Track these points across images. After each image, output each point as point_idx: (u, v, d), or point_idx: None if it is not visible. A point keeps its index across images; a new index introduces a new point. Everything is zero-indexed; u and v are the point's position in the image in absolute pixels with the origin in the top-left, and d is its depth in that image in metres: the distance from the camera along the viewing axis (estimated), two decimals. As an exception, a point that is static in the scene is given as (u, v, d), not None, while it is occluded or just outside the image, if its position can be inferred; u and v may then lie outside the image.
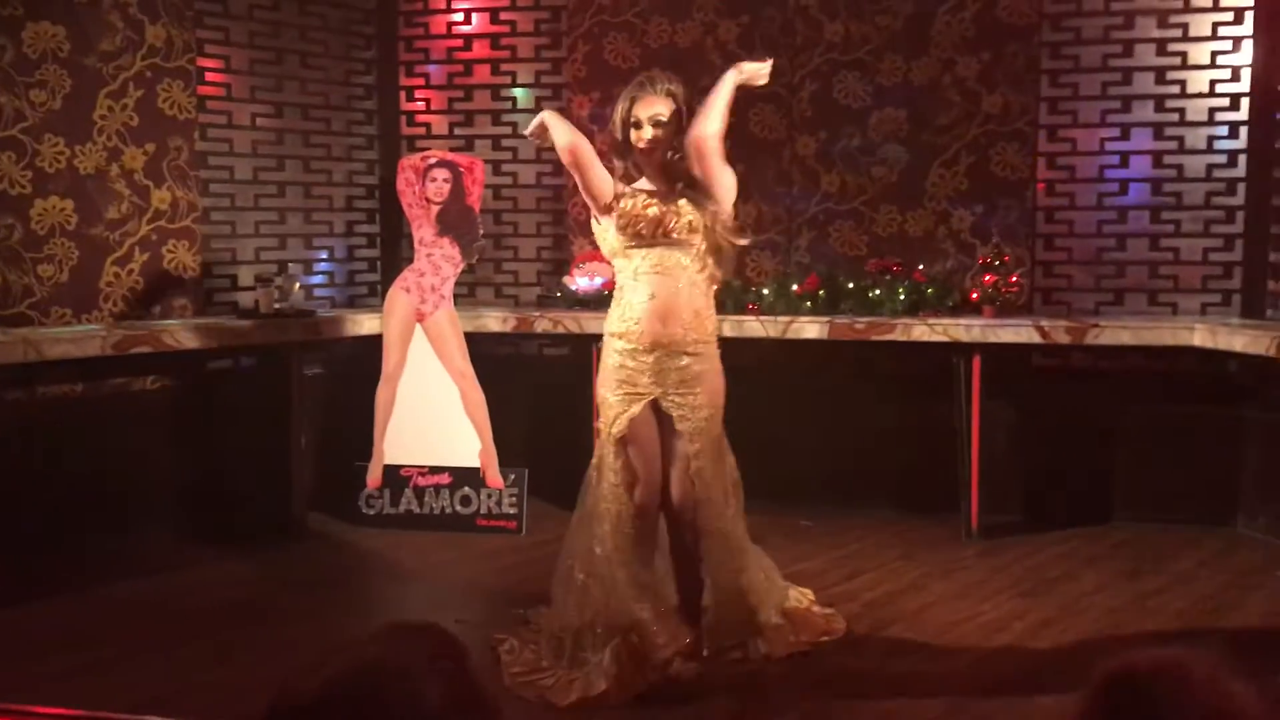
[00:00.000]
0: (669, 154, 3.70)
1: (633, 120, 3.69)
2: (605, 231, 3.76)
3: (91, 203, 5.14)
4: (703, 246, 3.69)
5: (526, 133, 3.95)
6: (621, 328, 3.73)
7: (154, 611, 4.37)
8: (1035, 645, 4.03)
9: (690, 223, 3.66)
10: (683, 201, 3.67)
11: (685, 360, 3.70)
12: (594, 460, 3.84)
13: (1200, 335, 5.13)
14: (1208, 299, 5.62)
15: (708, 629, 3.77)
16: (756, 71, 3.79)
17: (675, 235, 3.66)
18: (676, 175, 3.71)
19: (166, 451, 5.38)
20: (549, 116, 3.82)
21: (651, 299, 3.68)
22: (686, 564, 3.82)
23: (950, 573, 4.86)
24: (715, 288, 3.82)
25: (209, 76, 5.63)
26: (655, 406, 3.73)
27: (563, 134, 3.75)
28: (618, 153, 3.77)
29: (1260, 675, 1.17)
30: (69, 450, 5.01)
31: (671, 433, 3.74)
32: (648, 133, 3.66)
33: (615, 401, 3.73)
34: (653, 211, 3.66)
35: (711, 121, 3.62)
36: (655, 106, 3.67)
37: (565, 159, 3.77)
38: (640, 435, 3.72)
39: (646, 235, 3.67)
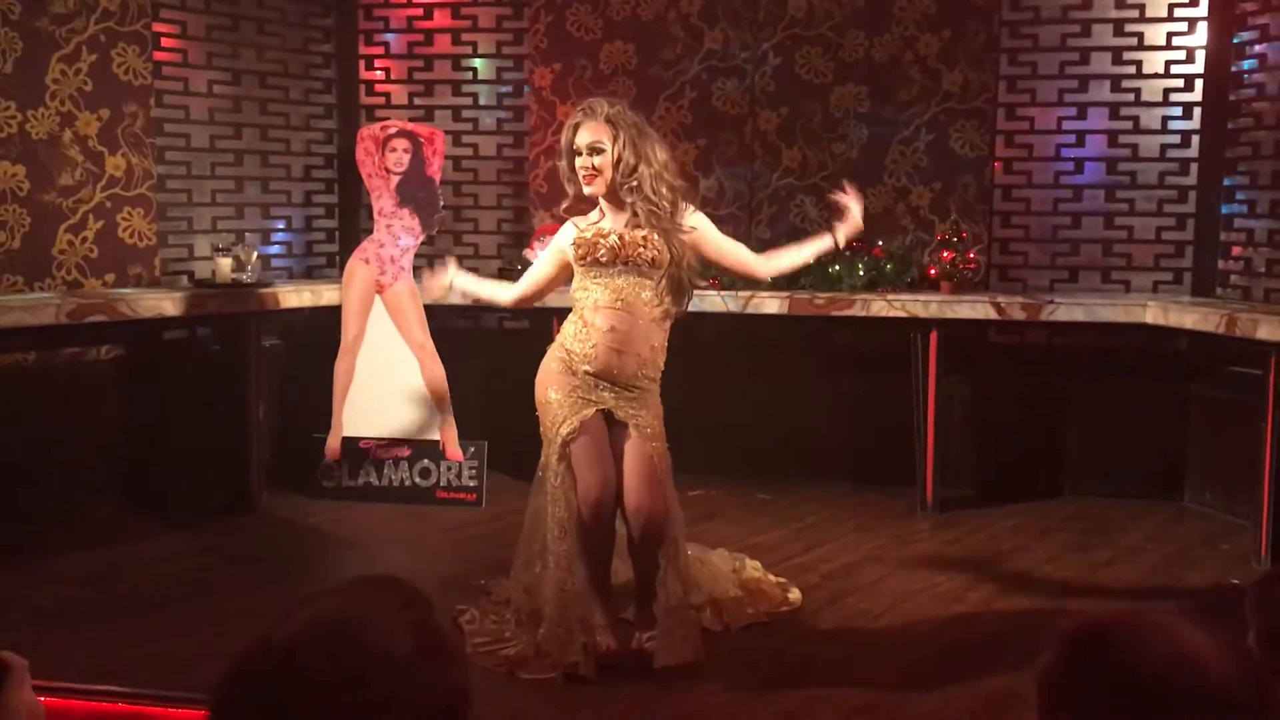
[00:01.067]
0: (620, 185, 3.61)
1: (575, 149, 3.65)
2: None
3: (44, 169, 5.06)
4: (663, 283, 3.64)
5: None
6: (576, 346, 3.66)
7: (108, 583, 4.33)
8: (988, 615, 4.10)
9: (654, 257, 3.61)
10: (647, 232, 3.62)
11: (634, 392, 3.67)
12: (540, 462, 3.75)
13: (1152, 312, 5.22)
14: (1160, 277, 5.72)
15: (660, 639, 3.66)
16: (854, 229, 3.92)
17: (637, 262, 3.61)
18: (633, 204, 3.63)
19: (121, 422, 5.32)
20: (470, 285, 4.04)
21: (610, 331, 3.62)
22: (643, 568, 3.74)
23: (906, 545, 4.93)
24: (669, 323, 3.73)
25: (165, 42, 5.54)
26: (606, 416, 3.66)
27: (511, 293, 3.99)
28: (566, 180, 3.73)
29: (1218, 626, 1.21)
30: (21, 420, 4.94)
31: (627, 438, 3.66)
32: (586, 161, 3.62)
33: (567, 404, 3.64)
34: (613, 240, 3.63)
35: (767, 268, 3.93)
36: (594, 133, 3.61)
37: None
38: (591, 433, 3.63)
39: (605, 262, 3.63)
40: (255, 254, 5.56)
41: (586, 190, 3.67)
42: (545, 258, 3.87)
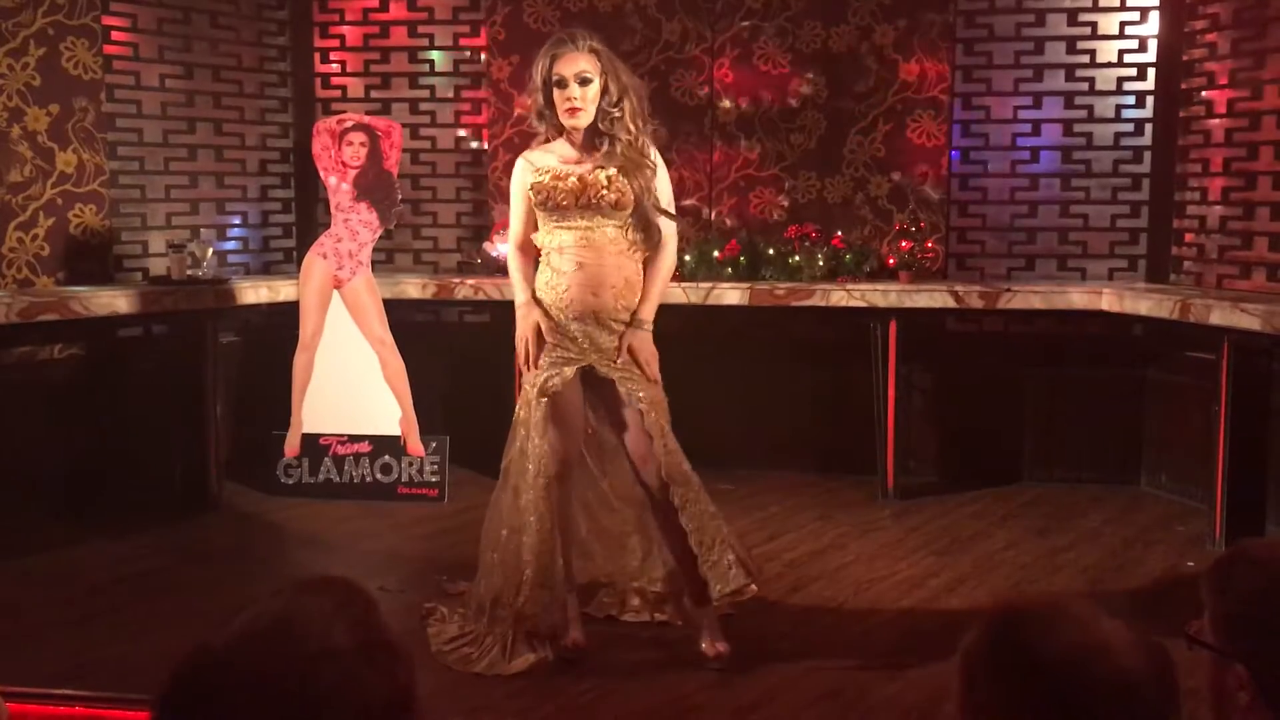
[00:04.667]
0: (604, 116, 3.55)
1: (555, 79, 3.53)
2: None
3: (-8, 165, 4.98)
4: (629, 222, 3.56)
5: None
6: (550, 296, 3.59)
7: (64, 585, 4.28)
8: (949, 601, 4.14)
9: (617, 199, 3.53)
10: (611, 171, 3.53)
11: (616, 329, 3.58)
12: (517, 417, 3.66)
13: (1107, 299, 5.28)
14: (1115, 264, 5.78)
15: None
16: None
17: (599, 206, 3.52)
18: (605, 140, 3.57)
19: (76, 422, 5.24)
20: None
21: (579, 269, 3.55)
22: (671, 528, 3.65)
23: (867, 533, 4.97)
24: (641, 255, 3.63)
25: (115, 35, 5.45)
26: (586, 373, 3.62)
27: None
28: (538, 115, 3.65)
29: (1150, 623, 1.26)
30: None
31: (615, 396, 3.60)
32: (574, 91, 3.51)
33: (546, 362, 3.59)
34: (572, 182, 3.54)
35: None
36: (580, 63, 3.51)
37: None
38: (566, 396, 3.61)
39: (567, 206, 3.54)
40: (211, 250, 5.50)
41: (569, 123, 3.57)
42: (518, 203, 3.71)
